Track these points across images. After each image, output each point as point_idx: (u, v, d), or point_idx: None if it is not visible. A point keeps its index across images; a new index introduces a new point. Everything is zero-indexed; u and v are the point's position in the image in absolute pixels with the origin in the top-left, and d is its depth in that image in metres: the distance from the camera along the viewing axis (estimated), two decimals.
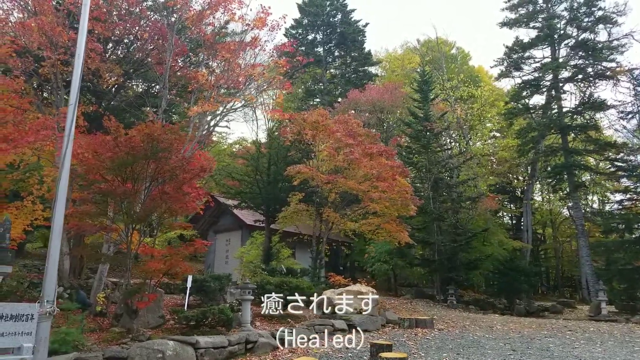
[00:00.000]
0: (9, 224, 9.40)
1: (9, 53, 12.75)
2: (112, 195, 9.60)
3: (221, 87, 14.27)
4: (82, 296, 11.50)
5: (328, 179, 16.60)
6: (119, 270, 17.79)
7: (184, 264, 10.20)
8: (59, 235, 7.55)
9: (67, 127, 7.68)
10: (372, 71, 35.59)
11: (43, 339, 7.30)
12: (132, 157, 9.55)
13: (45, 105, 14.98)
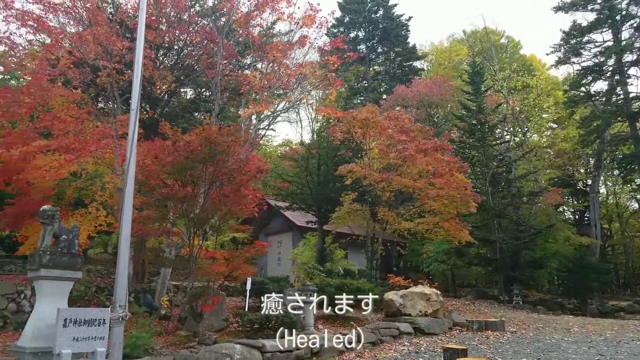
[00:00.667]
0: (77, 231, 9.55)
1: (67, 65, 13.10)
2: (174, 199, 9.60)
3: (271, 88, 14.16)
4: (148, 300, 11.62)
5: (381, 177, 16.16)
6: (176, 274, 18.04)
7: (245, 267, 10.08)
8: (127, 240, 7.55)
9: (130, 132, 7.69)
10: (418, 66, 34.73)
11: (117, 343, 7.30)
12: (191, 160, 9.52)
13: (102, 114, 15.36)
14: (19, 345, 8.65)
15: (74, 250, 9.43)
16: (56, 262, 8.96)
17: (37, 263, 8.83)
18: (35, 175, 11.86)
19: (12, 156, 11.98)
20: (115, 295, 7.29)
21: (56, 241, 9.25)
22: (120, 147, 12.27)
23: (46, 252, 8.91)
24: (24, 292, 12.15)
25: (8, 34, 13.44)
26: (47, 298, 8.84)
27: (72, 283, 9.36)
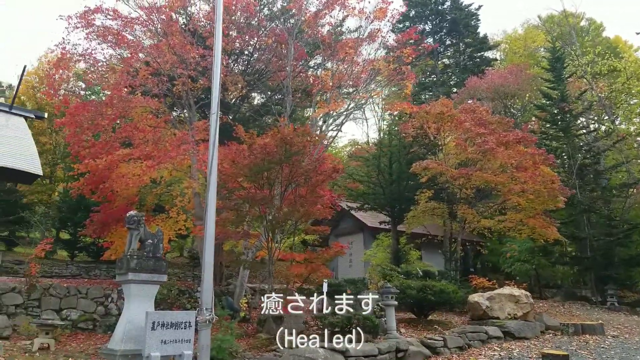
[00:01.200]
0: (161, 235, 9.78)
1: (145, 76, 13.59)
2: (252, 201, 9.57)
3: (341, 87, 13.91)
4: (230, 302, 11.74)
5: (460, 173, 15.39)
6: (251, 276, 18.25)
7: (324, 268, 9.88)
8: (212, 243, 7.54)
9: (212, 135, 7.69)
10: (490, 56, 33.15)
11: (204, 346, 7.30)
12: (268, 162, 9.45)
13: (178, 122, 15.83)
14: (109, 348, 8.94)
15: (159, 254, 9.65)
16: (143, 266, 9.20)
17: (125, 267, 9.10)
18: (119, 183, 12.39)
19: (98, 165, 12.60)
20: (201, 298, 7.30)
21: (142, 245, 9.51)
22: (197, 153, 12.52)
23: (133, 257, 9.17)
24: (111, 296, 12.69)
25: (90, 50, 14.19)
26: (135, 301, 9.08)
27: (158, 286, 9.58)
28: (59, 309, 11.81)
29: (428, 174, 16.01)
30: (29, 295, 11.51)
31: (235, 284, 14.07)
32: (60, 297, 11.93)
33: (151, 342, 7.90)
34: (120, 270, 9.25)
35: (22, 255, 25.28)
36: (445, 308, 13.54)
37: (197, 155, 12.61)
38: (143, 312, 9.03)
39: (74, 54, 14.05)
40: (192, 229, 14.53)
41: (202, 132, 13.51)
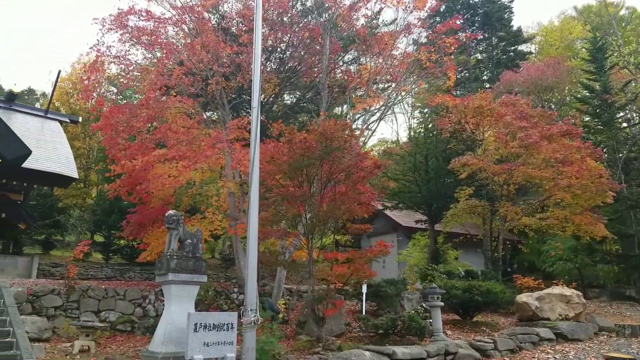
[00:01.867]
0: (200, 235, 9.58)
1: (179, 76, 13.48)
2: (292, 199, 9.28)
3: (378, 82, 13.53)
4: (270, 303, 11.46)
5: (502, 169, 14.80)
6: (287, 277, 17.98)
7: (367, 268, 9.50)
8: (255, 242, 7.27)
9: (253, 130, 7.43)
10: (524, 49, 32.18)
11: (249, 349, 7.02)
12: (307, 158, 9.14)
13: (211, 122, 15.71)
14: (150, 351, 8.76)
15: (198, 254, 9.46)
16: (183, 266, 9.01)
17: (165, 267, 8.92)
18: (156, 183, 12.29)
19: (134, 166, 12.54)
20: (245, 299, 7.04)
21: (181, 245, 9.32)
22: (233, 152, 12.33)
23: (173, 257, 8.98)
24: (149, 297, 12.59)
25: (124, 52, 14.18)
26: (176, 302, 8.89)
27: (198, 287, 9.38)
28: (97, 310, 11.76)
29: (467, 171, 15.47)
30: (67, 297, 11.50)
31: (271, 285, 13.83)
32: (99, 298, 11.88)
33: (193, 345, 7.67)
34: (160, 270, 9.08)
35: (59, 258, 25.69)
36: (489, 309, 12.99)
37: (231, 154, 12.42)
38: (183, 314, 8.84)
39: (108, 56, 14.07)
40: (227, 229, 14.35)
41: (236, 131, 13.33)
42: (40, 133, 19.01)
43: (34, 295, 11.14)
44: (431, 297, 10.13)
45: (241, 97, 15.12)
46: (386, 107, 13.50)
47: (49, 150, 17.76)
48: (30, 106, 21.11)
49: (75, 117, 23.13)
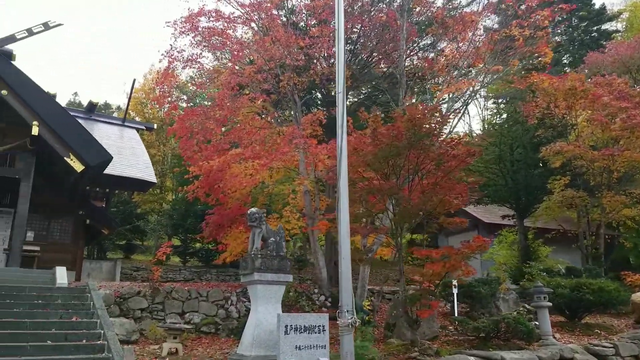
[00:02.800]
0: (283, 233, 9.18)
1: (251, 74, 13.24)
2: (378, 192, 8.63)
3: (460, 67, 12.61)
4: (359, 305, 10.88)
5: (602, 155, 13.34)
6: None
7: (466, 266, 8.63)
8: (347, 237, 6.69)
9: (339, 115, 6.89)
10: (609, 28, 29.58)
11: (348, 354, 6.42)
12: (395, 147, 8.46)
13: (282, 121, 15.41)
14: (239, 354, 8.42)
15: (282, 253, 9.05)
16: (268, 266, 8.62)
17: (250, 267, 8.57)
18: (233, 183, 12.10)
19: (211, 167, 12.44)
20: (341, 300, 6.47)
21: (264, 244, 8.97)
22: (308, 147, 11.89)
23: (257, 256, 8.61)
24: (231, 299, 12.40)
25: (195, 55, 14.16)
26: (262, 303, 8.50)
27: (284, 287, 8.97)
28: (181, 312, 11.70)
29: (561, 159, 14.13)
30: (153, 299, 11.52)
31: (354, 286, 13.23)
32: (182, 300, 11.83)
33: (285, 348, 7.22)
34: (245, 270, 8.75)
35: (139, 262, 26.62)
36: (598, 310, 11.64)
37: (307, 150, 11.98)
38: (271, 315, 8.45)
39: (179, 61, 14.10)
40: (303, 229, 13.96)
41: (310, 127, 12.93)
42: (119, 141, 19.69)
43: (121, 297, 11.25)
44: (537, 296, 9.11)
45: (312, 94, 14.69)
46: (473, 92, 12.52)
47: (128, 157, 18.32)
48: (109, 115, 21.99)
49: (151, 125, 23.87)
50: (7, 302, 8.59)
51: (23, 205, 13.41)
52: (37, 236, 15.61)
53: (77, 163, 13.56)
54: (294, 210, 13.43)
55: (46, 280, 11.12)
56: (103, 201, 20.30)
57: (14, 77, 13.43)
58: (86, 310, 9.10)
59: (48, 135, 13.46)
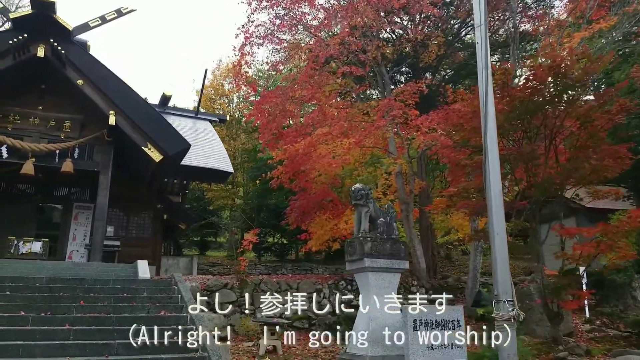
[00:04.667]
0: (393, 213, 7.86)
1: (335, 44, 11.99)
2: (514, 159, 7.08)
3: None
4: (484, 296, 9.39)
5: None
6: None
7: (624, 246, 6.90)
8: (501, 212, 5.24)
9: (481, 56, 5.45)
10: None
11: (511, 355, 4.99)
12: (532, 104, 6.88)
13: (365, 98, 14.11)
14: (352, 353, 7.19)
15: (394, 235, 7.71)
16: (379, 250, 7.30)
17: (359, 252, 7.30)
18: (321, 164, 10.93)
19: (297, 150, 11.35)
20: (496, 288, 5.04)
21: (372, 226, 7.71)
22: (409, 120, 10.49)
23: (367, 239, 7.34)
24: (323, 291, 11.28)
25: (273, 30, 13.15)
26: (375, 294, 7.25)
27: (399, 275, 7.62)
28: None
29: None
30: (241, 292, 10.60)
31: (454, 278, 11.72)
32: (272, 293, 10.81)
33: (415, 347, 5.90)
34: (352, 256, 7.51)
35: (214, 259, 26.40)
36: None
37: (410, 122, 10.60)
38: (385, 308, 7.17)
39: (257, 37, 13.14)
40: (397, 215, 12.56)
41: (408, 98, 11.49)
42: (193, 133, 19.21)
43: (207, 289, 10.42)
44: None
45: (398, 66, 13.26)
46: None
47: (204, 148, 17.77)
48: (182, 108, 21.65)
49: (223, 116, 23.42)
50: (91, 296, 7.88)
51: (102, 198, 13.02)
52: (116, 231, 15.34)
53: (156, 152, 13.01)
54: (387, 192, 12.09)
55: (129, 274, 10.52)
56: (179, 196, 19.99)
57: (90, 66, 13.06)
58: (174, 304, 8.26)
59: (125, 124, 12.99)
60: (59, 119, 13.38)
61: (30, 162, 12.58)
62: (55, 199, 15.18)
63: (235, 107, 32.67)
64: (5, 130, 12.66)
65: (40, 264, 10.52)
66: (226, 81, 31.72)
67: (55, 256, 14.08)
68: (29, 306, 6.91)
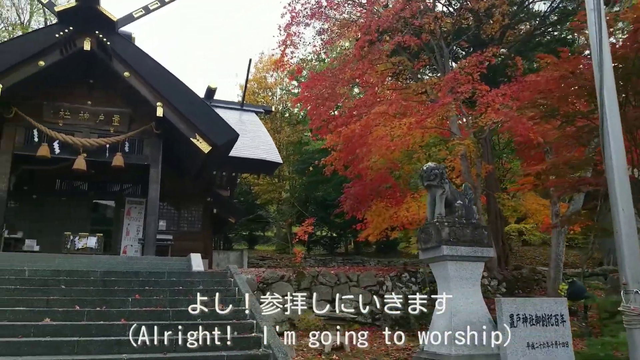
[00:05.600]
0: (471, 194, 7.00)
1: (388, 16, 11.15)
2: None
3: None
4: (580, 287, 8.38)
5: None
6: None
7: None
8: (625, 179, 4.35)
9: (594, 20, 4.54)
10: None
11: None
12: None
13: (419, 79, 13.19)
14: (430, 352, 6.44)
15: (474, 220, 6.85)
16: (458, 236, 6.46)
17: (435, 239, 6.49)
18: (379, 146, 10.13)
19: (353, 131, 10.60)
20: (624, 275, 4.13)
21: (449, 210, 6.89)
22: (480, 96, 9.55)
23: (444, 224, 6.54)
24: (385, 284, 10.54)
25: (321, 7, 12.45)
26: (457, 286, 6.35)
27: (482, 265, 6.77)
28: (330, 299, 10.06)
29: None
30: (298, 285, 10.02)
31: (528, 268, 10.69)
32: (331, 285, 10.20)
33: (514, 347, 5.06)
34: (427, 244, 6.72)
35: (263, 252, 26.17)
36: None
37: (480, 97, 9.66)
38: (469, 302, 6.32)
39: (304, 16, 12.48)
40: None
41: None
42: (240, 124, 18.82)
43: (263, 282, 9.90)
44: None
45: (459, 39, 12.24)
46: None
47: (251, 139, 17.37)
48: (227, 101, 21.33)
49: (269, 107, 23.00)
50: (146, 289, 7.48)
51: (154, 192, 12.79)
52: (169, 225, 15.16)
53: (204, 143, 12.65)
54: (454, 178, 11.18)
55: (182, 267, 10.15)
56: (227, 190, 19.78)
57: (136, 57, 12.80)
58: (232, 297, 7.74)
59: (173, 115, 12.70)
60: (107, 113, 13.22)
61: (82, 158, 12.48)
62: (108, 194, 15.17)
63: (278, 99, 32.34)
64: (56, 126, 12.61)
65: (96, 259, 10.32)
66: (269, 74, 31.52)
67: (110, 251, 14.03)
68: (84, 300, 6.56)
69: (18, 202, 13.66)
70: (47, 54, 11.99)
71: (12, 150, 11.99)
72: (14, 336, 5.23)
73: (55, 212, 14.03)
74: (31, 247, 12.79)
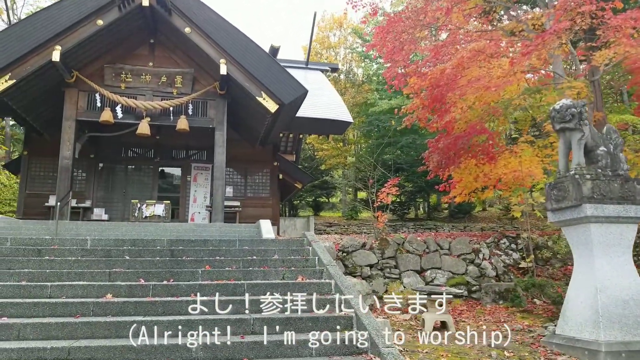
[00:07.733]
0: (619, 139, 5.49)
1: None
2: None
3: None
4: None
5: None
6: None
7: None
8: None
9: None
10: None
11: None
12: None
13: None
14: (568, 336, 5.10)
15: (622, 172, 5.38)
16: (603, 192, 5.00)
17: (574, 196, 5.01)
18: (474, 88, 8.59)
19: (443, 71, 9.08)
20: None
21: (588, 159, 5.44)
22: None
23: (584, 177, 5.11)
24: (482, 252, 9.20)
25: None
26: (602, 254, 4.90)
27: (635, 227, 5.40)
28: (420, 269, 8.90)
29: None
30: (382, 253, 8.91)
31: None
32: (419, 254, 9.00)
33: None
34: (560, 202, 5.29)
35: (330, 219, 25.38)
36: None
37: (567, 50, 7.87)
38: (620, 273, 4.95)
39: None
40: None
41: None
42: (306, 83, 17.71)
43: (342, 250, 8.87)
44: None
45: None
46: None
47: (318, 98, 16.21)
48: (291, 60, 20.18)
49: (335, 65, 21.66)
50: (217, 259, 6.63)
51: (220, 155, 12.07)
52: (235, 192, 14.53)
53: (270, 102, 11.67)
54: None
55: (252, 234, 9.33)
56: (293, 155, 18.97)
57: (196, 11, 11.86)
58: (312, 268, 6.74)
59: (237, 73, 11.75)
60: (170, 74, 12.52)
61: (145, 122, 11.92)
62: (174, 161, 14.70)
63: (342, 59, 30.78)
64: (118, 90, 12.09)
65: (163, 226, 9.73)
66: (332, 32, 29.92)
67: (178, 218, 13.61)
68: (149, 272, 5.80)
69: (85, 171, 13.44)
70: (105, 12, 11.32)
71: (75, 116, 11.58)
72: (72, 315, 4.51)
73: (122, 180, 13.76)
74: (99, 216, 12.56)
